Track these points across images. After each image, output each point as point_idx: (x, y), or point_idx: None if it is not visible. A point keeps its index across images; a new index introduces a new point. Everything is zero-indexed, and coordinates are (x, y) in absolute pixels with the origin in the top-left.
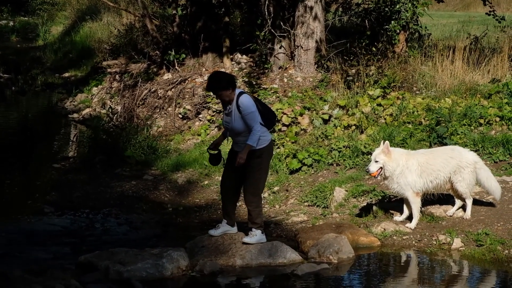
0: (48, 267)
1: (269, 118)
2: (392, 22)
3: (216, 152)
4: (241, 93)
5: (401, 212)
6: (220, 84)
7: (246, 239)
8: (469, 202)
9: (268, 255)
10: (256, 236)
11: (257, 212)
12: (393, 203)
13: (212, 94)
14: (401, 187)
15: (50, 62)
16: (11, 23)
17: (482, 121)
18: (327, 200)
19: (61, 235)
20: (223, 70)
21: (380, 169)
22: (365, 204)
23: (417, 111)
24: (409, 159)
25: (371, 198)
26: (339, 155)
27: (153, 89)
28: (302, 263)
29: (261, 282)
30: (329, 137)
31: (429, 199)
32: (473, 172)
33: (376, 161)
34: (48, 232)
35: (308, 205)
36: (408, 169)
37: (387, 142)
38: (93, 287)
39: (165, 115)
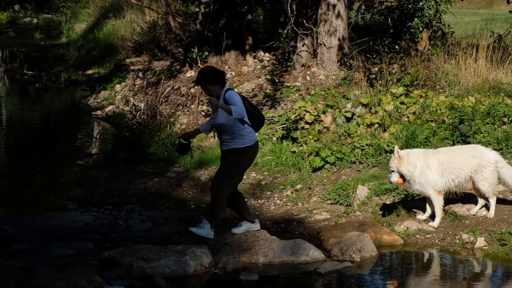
0: (71, 263)
1: (257, 119)
2: (415, 19)
3: (186, 142)
4: (229, 89)
5: (424, 210)
6: (208, 78)
7: (193, 229)
8: (492, 201)
9: (290, 252)
10: (203, 229)
11: (217, 205)
12: (416, 202)
13: (200, 88)
14: (423, 187)
15: (74, 59)
16: (35, 20)
17: (505, 119)
18: (349, 198)
19: (84, 231)
20: (246, 67)
21: (401, 177)
22: (388, 202)
23: (440, 110)
24: (429, 159)
25: (394, 196)
26: (362, 153)
27: (176, 86)
28: (325, 261)
29: (284, 280)
30: (352, 135)
31: (451, 197)
32: (494, 171)
33: (392, 170)
34: (71, 228)
35: (331, 203)
36: (429, 168)
37: (396, 147)
38: (116, 283)
39: (188, 112)
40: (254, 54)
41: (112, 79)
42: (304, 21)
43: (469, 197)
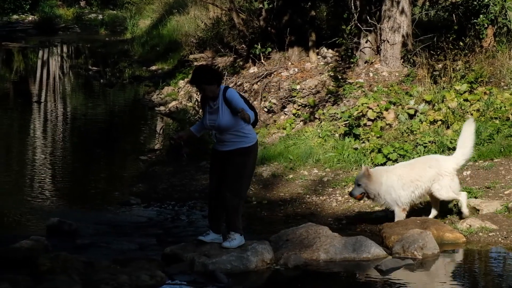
0: (134, 257)
1: (254, 115)
2: (481, 16)
3: (175, 143)
4: (227, 87)
5: (489, 208)
6: (204, 78)
7: (226, 244)
8: (462, 199)
9: (352, 249)
10: (235, 240)
11: (237, 214)
12: (479, 199)
13: (195, 88)
14: (388, 204)
15: (138, 55)
16: (100, 17)
17: None
18: None
19: (147, 226)
20: (309, 64)
21: (363, 193)
22: None
23: (505, 107)
24: (390, 175)
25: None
26: (424, 150)
27: (239, 82)
28: (386, 258)
29: (345, 277)
30: (414, 132)
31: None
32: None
33: (359, 185)
34: (134, 223)
35: None
36: (391, 186)
37: (366, 166)
38: (179, 278)
39: None
40: (317, 50)
41: (176, 75)
42: (368, 17)
43: None
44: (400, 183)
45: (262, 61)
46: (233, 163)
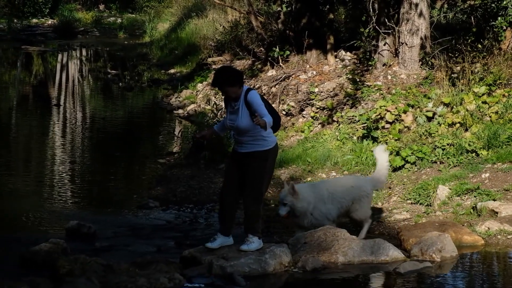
0: (152, 260)
1: (275, 119)
2: (499, 18)
3: (197, 141)
4: (249, 89)
5: (501, 212)
6: (226, 80)
7: (244, 247)
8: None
9: (370, 252)
10: (253, 243)
11: (256, 218)
12: (498, 202)
13: (218, 89)
14: (317, 220)
15: (156, 58)
16: (119, 20)
17: None
18: (430, 198)
19: (166, 229)
20: (327, 67)
21: (289, 212)
22: (469, 202)
23: None
24: (319, 191)
25: (475, 196)
26: (442, 153)
27: (257, 85)
28: (405, 261)
29: (363, 280)
30: (432, 135)
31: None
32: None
33: (284, 204)
34: (153, 226)
35: (411, 203)
36: (321, 201)
37: (291, 183)
38: (197, 281)
39: None
40: (335, 53)
41: (194, 78)
42: (386, 20)
43: None
44: (330, 197)
45: (281, 64)
46: (250, 166)
